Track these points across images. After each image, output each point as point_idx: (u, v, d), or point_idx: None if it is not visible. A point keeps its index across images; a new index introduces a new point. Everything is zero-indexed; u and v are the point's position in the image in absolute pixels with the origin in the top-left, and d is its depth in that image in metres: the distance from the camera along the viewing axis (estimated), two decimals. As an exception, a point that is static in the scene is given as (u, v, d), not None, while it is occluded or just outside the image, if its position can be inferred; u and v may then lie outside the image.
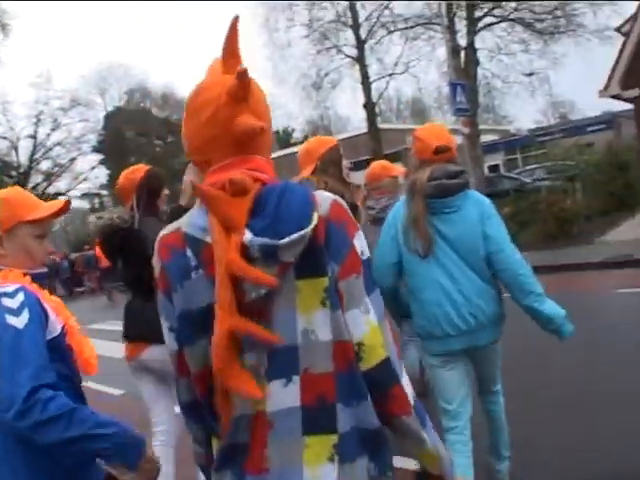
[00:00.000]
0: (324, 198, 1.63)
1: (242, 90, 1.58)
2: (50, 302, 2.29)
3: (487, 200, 3.56)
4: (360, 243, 1.65)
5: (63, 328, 2.26)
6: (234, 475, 1.59)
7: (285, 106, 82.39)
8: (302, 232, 1.49)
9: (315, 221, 1.52)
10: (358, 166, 8.08)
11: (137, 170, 4.11)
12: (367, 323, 1.60)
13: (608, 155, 19.19)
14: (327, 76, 28.65)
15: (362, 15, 26.93)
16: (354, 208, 3.37)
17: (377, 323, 1.62)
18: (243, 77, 1.56)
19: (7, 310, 2.07)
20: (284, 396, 1.54)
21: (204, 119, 1.61)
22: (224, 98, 1.58)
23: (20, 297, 2.12)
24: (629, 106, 26.08)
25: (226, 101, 1.58)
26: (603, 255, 12.53)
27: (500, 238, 3.43)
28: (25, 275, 2.27)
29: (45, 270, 2.45)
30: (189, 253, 1.59)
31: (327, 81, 28.94)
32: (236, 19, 1.61)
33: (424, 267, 3.44)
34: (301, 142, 56.15)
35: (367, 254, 1.66)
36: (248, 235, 1.50)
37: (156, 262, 1.66)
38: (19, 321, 2.04)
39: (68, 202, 2.46)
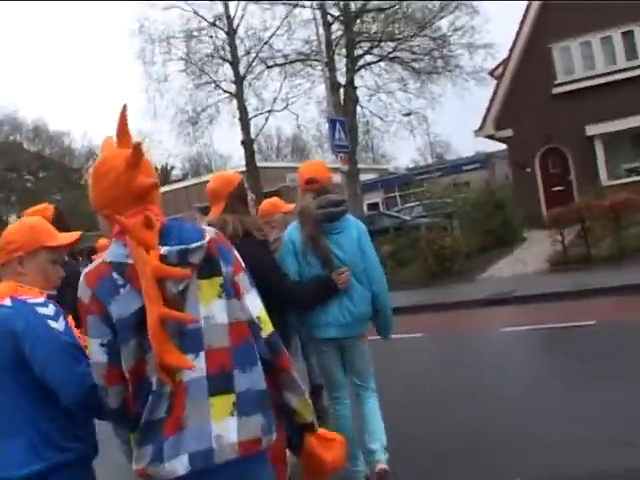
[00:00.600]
0: (209, 230, 2.28)
1: (137, 158, 2.13)
2: None
3: (360, 222, 4.56)
4: (238, 255, 2.35)
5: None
6: (154, 446, 2.05)
7: (164, 142, 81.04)
8: (202, 241, 2.15)
9: (208, 238, 2.18)
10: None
11: (45, 210, 4.29)
12: (259, 306, 2.31)
13: (485, 193, 19.47)
14: (204, 111, 27.92)
15: (241, 50, 26.53)
16: (265, 239, 4.06)
17: (262, 307, 2.33)
18: (138, 149, 2.12)
19: (46, 316, 2.46)
20: (196, 367, 2.08)
21: (107, 183, 2.17)
22: (123, 166, 2.14)
23: (52, 306, 2.52)
24: (502, 146, 26.91)
25: (125, 168, 2.14)
26: (484, 292, 12.42)
27: (372, 255, 4.47)
28: (42, 294, 2.60)
29: (55, 293, 2.73)
30: (115, 276, 2.10)
31: (204, 117, 28.19)
32: (124, 108, 2.21)
33: (321, 272, 4.32)
34: (181, 179, 55.10)
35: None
36: (165, 248, 2.10)
37: (85, 291, 2.12)
38: (59, 325, 2.47)
39: (82, 235, 2.87)
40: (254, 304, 2.30)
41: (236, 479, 2.15)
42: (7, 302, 2.48)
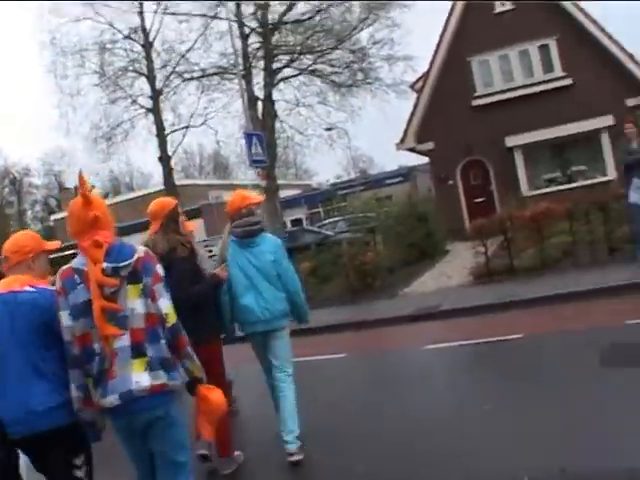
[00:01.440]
0: (141, 249, 3.60)
1: (87, 200, 3.49)
2: None
3: (275, 238, 5.84)
4: (160, 269, 3.62)
5: None
6: (102, 388, 3.40)
7: (79, 159, 78.65)
8: (128, 261, 3.46)
9: (135, 258, 3.48)
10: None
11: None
12: (168, 305, 3.55)
13: (407, 207, 19.20)
14: (119, 127, 26.89)
15: (157, 63, 25.68)
16: (193, 250, 5.47)
17: (171, 306, 3.57)
18: (86, 194, 3.49)
19: None
20: (123, 340, 3.40)
21: (73, 219, 3.55)
22: (80, 206, 3.50)
23: None
24: (425, 159, 26.87)
25: (81, 207, 3.50)
26: (408, 308, 11.99)
27: (286, 264, 5.71)
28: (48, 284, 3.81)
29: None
30: (75, 276, 3.46)
31: (119, 132, 27.15)
32: (80, 173, 3.57)
33: (242, 281, 5.57)
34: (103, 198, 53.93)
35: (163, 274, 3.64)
36: (105, 264, 3.41)
37: (58, 281, 3.48)
38: None
39: (60, 243, 4.29)
40: (164, 305, 3.55)
41: (148, 406, 3.44)
42: (30, 289, 3.67)
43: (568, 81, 22.56)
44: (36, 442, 3.56)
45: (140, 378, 3.36)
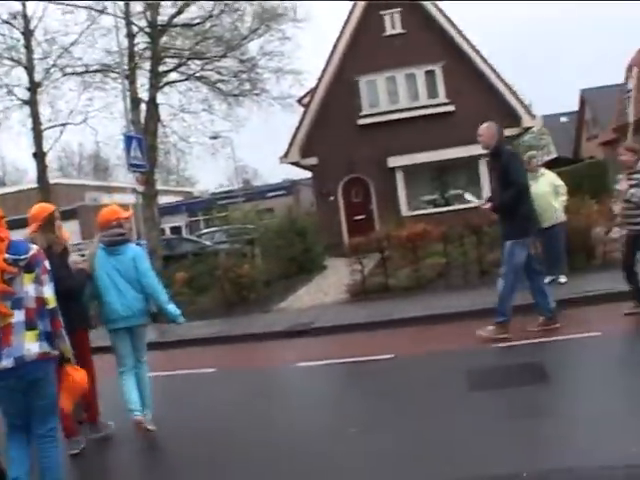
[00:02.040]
0: (34, 246, 4.59)
1: None
2: None
3: (138, 248, 7.05)
4: (47, 263, 4.59)
5: None
6: (1, 353, 4.30)
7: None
8: (27, 255, 4.45)
9: (31, 253, 4.48)
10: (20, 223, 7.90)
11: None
12: (50, 292, 4.51)
13: (287, 220, 19.09)
14: (-8, 118, 25.28)
15: (38, 53, 24.32)
16: (65, 249, 6.56)
17: (52, 293, 4.53)
18: None
19: None
20: (18, 316, 4.34)
21: None
22: None
23: None
24: (307, 174, 26.93)
25: None
26: (283, 323, 11.82)
27: (145, 269, 6.65)
28: None
29: None
30: None
31: (-8, 124, 25.51)
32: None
33: (107, 283, 6.54)
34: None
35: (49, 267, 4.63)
36: (7, 255, 4.36)
37: None
38: None
39: None
40: (47, 292, 4.51)
41: (34, 369, 4.38)
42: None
43: (451, 107, 23.26)
44: None
45: (31, 347, 4.37)
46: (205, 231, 31.09)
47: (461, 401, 6.27)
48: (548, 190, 10.82)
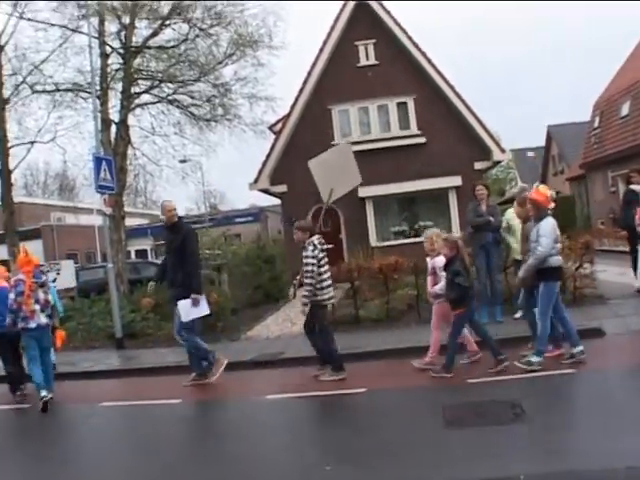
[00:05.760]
0: (43, 276, 10.15)
1: None
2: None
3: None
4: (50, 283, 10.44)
5: None
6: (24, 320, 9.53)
7: None
8: (40, 279, 9.69)
9: (43, 278, 9.93)
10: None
11: None
12: (50, 296, 9.83)
13: (256, 248, 18.91)
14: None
15: (7, 69, 23.93)
16: None
17: (52, 297, 10.03)
18: None
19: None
20: (37, 306, 9.39)
21: None
22: None
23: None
24: (276, 201, 26.80)
25: None
26: (250, 353, 11.61)
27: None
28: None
29: None
30: None
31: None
32: (24, 249, 10.07)
33: None
34: None
35: None
36: (34, 279, 9.44)
37: None
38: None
39: None
40: (49, 296, 9.50)
41: (44, 329, 9.50)
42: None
43: (422, 139, 23.41)
44: None
45: (42, 319, 9.34)
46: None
47: (436, 438, 6.18)
48: (505, 227, 11.36)
